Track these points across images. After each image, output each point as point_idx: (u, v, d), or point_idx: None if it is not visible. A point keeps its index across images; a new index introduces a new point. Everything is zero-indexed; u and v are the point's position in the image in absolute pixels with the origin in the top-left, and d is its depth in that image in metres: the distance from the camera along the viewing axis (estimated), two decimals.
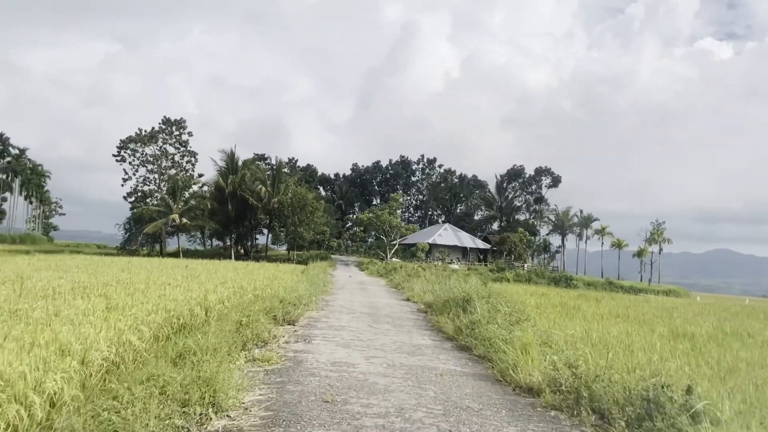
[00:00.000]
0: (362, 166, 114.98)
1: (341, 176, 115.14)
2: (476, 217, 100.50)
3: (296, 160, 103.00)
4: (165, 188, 65.53)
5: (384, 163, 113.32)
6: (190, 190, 64.60)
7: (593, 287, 66.13)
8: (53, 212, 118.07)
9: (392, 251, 63.01)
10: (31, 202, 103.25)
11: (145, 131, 69.27)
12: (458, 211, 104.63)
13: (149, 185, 70.99)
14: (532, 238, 79.91)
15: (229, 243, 65.86)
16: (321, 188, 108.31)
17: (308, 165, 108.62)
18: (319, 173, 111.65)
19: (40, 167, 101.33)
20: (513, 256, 68.36)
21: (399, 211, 65.81)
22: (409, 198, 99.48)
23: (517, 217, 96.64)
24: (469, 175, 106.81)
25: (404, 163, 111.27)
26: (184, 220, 59.25)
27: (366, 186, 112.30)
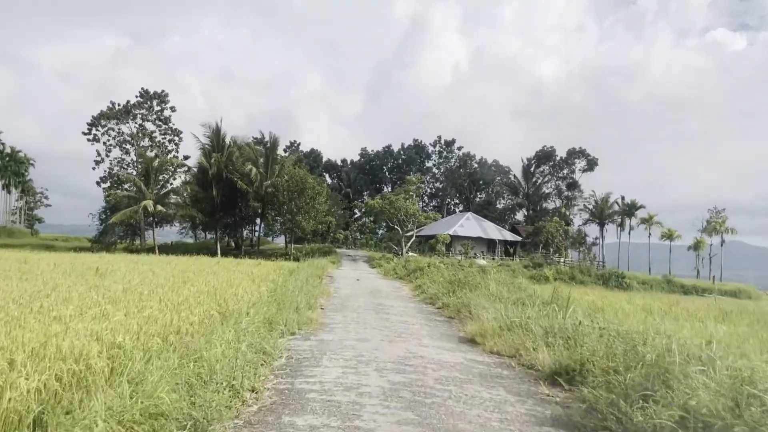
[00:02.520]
0: (372, 150, 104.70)
1: (349, 162, 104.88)
2: (498, 206, 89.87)
3: (299, 144, 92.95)
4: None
5: (396, 148, 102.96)
6: (169, 172, 54.61)
7: (649, 287, 55.82)
8: (38, 203, 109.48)
9: (408, 244, 52.83)
10: (9, 192, 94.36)
11: (119, 104, 59.34)
12: (478, 199, 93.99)
13: (127, 168, 61.17)
14: (568, 228, 69.32)
15: (216, 236, 55.81)
16: (327, 175, 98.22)
17: (312, 149, 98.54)
18: (325, 159, 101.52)
19: (19, 153, 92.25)
20: (551, 249, 57.83)
21: (415, 196, 55.46)
22: (424, 185, 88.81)
23: (544, 205, 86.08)
24: (489, 160, 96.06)
25: (418, 148, 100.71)
26: (159, 208, 49.36)
27: (376, 173, 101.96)
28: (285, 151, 78.50)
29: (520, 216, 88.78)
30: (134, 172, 58.59)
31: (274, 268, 27.10)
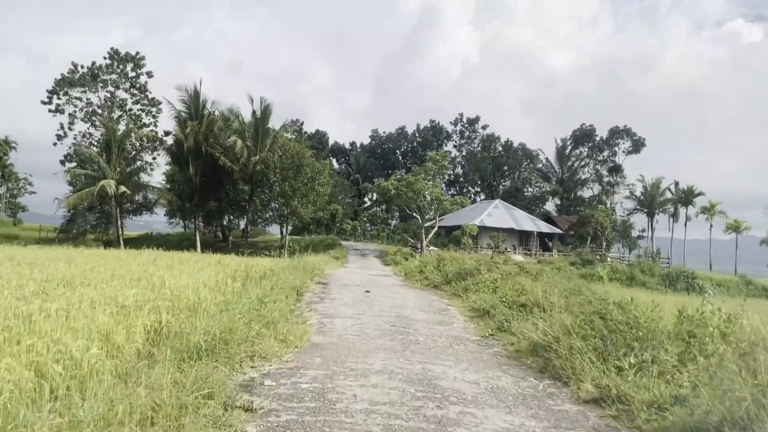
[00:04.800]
0: (384, 132, 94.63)
1: (358, 146, 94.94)
2: (526, 193, 79.16)
3: (302, 123, 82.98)
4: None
5: (410, 130, 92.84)
6: (140, 146, 45.14)
7: (725, 289, 45.71)
8: (22, 190, 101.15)
9: (429, 236, 43.02)
10: None
11: (83, 66, 49.80)
12: (502, 187, 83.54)
13: (96, 146, 51.73)
14: (614, 218, 59.08)
15: (198, 224, 46.27)
16: (334, 160, 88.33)
17: (317, 130, 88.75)
18: (332, 142, 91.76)
19: None
20: (603, 243, 47.63)
21: (438, 177, 45.67)
22: (449, 164, 78.12)
23: (579, 193, 75.59)
24: (515, 143, 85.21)
25: (435, 129, 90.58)
26: (123, 189, 39.86)
27: (388, 157, 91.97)
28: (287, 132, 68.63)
29: (550, 205, 78.63)
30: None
31: (239, 269, 17.32)
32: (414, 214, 42.38)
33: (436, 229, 44.23)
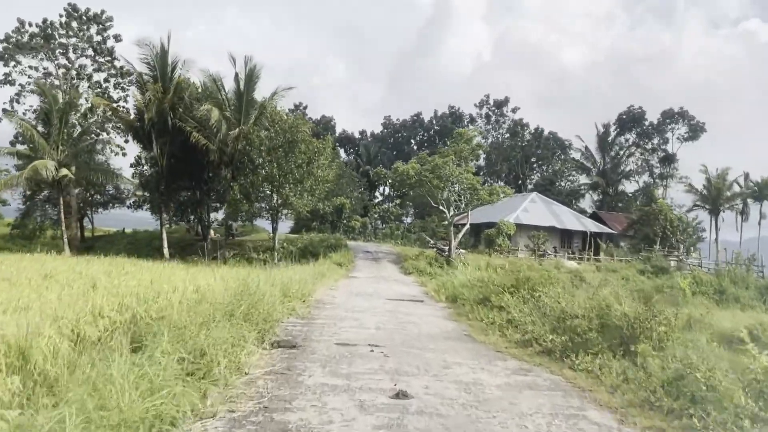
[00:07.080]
0: (397, 119, 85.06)
1: (369, 135, 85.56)
2: (560, 185, 69.08)
3: (306, 106, 73.54)
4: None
5: (427, 117, 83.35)
6: (90, 118, 36.06)
7: None
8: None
9: (460, 235, 33.52)
10: None
11: (31, 24, 40.63)
12: (531, 180, 73.66)
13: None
14: (680, 216, 49.17)
15: (165, 221, 37.03)
16: (342, 150, 78.95)
17: (323, 116, 79.38)
18: (339, 130, 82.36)
19: None
20: (680, 246, 37.77)
21: (472, 160, 36.33)
22: (485, 141, 67.80)
23: (621, 187, 65.65)
24: (546, 131, 75.21)
25: (454, 116, 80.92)
26: (65, 172, 30.73)
27: (402, 147, 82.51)
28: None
29: (586, 201, 68.76)
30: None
31: (123, 308, 7.86)
32: (441, 206, 32.88)
33: (468, 226, 34.74)
